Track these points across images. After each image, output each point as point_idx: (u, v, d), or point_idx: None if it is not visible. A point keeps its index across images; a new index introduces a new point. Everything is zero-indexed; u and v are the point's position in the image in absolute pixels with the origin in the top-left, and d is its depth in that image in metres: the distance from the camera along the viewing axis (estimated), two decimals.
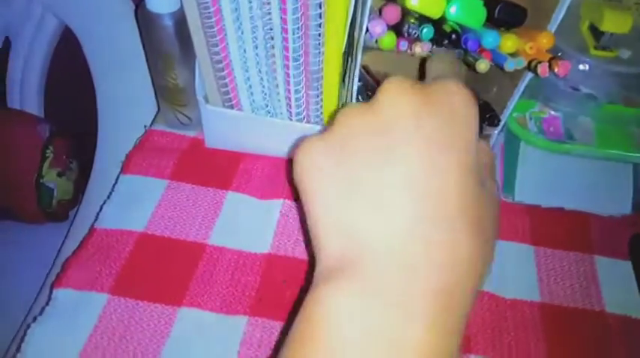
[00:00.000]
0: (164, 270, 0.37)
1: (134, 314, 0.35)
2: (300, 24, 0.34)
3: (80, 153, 0.69)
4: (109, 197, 0.41)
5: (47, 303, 0.35)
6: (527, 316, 0.38)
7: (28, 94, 0.67)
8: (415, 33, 0.28)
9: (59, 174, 0.68)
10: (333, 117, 0.22)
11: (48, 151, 0.66)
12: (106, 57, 0.57)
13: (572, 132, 0.38)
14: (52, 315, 0.34)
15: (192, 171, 0.42)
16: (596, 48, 0.35)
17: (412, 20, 0.32)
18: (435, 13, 0.29)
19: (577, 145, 0.38)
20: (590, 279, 0.40)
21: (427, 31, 0.32)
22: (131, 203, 0.40)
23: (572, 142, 0.38)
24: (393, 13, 0.31)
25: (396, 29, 0.32)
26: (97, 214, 0.40)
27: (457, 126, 0.20)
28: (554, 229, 0.42)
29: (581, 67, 0.34)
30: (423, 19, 0.31)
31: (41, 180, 0.65)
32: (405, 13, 0.31)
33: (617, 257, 0.42)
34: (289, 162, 0.21)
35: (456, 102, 0.21)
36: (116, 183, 0.41)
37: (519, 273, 0.40)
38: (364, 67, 0.46)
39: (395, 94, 0.21)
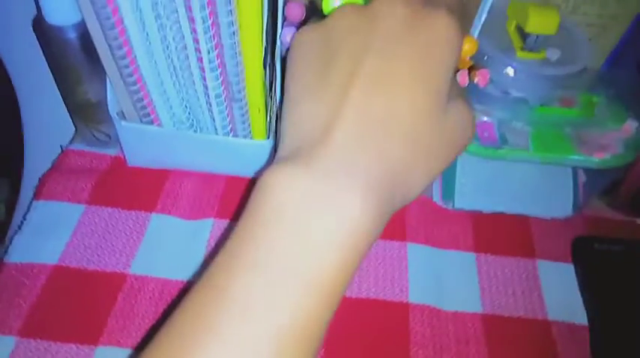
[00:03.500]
0: (80, 306, 0.34)
1: (46, 357, 0.32)
2: (212, 32, 0.31)
3: (10, 171, 0.65)
4: (19, 227, 0.37)
5: None
6: (470, 329, 0.36)
7: None
8: None
9: None
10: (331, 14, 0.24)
11: None
12: (25, 71, 0.52)
13: (506, 136, 0.37)
14: None
15: (113, 194, 0.39)
16: (522, 50, 0.33)
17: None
18: None
19: (512, 150, 0.36)
20: (532, 285, 0.39)
21: None
22: (44, 232, 0.37)
23: (507, 147, 0.36)
24: (295, 11, 0.28)
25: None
26: (7, 247, 0.36)
27: (436, 53, 0.22)
28: (496, 235, 0.41)
29: (507, 70, 0.33)
30: None
31: None
32: (311, 14, 0.29)
33: (560, 260, 0.41)
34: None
35: (441, 32, 0.22)
36: (28, 210, 0.38)
37: (460, 283, 0.38)
38: None
39: (390, 6, 0.22)
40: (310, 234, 0.19)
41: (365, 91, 0.21)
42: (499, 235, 0.41)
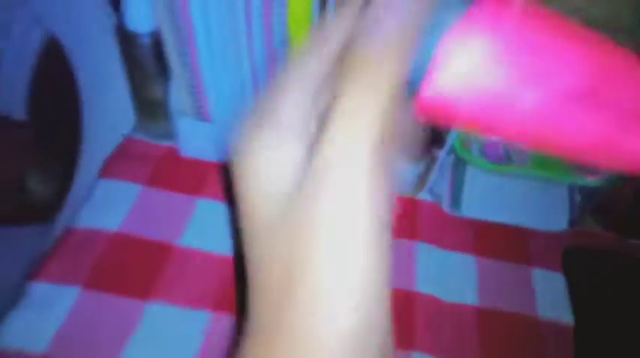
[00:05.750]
0: (135, 267, 0.40)
1: (104, 306, 0.38)
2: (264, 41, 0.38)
3: (64, 158, 0.72)
4: (86, 200, 0.44)
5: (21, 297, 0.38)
6: (465, 318, 0.41)
7: (11, 98, 0.69)
8: None
9: (41, 178, 0.70)
10: None
11: (31, 155, 0.69)
12: (91, 67, 0.59)
13: (510, 154, 0.42)
14: (27, 307, 0.37)
15: (167, 178, 0.46)
16: None
17: None
18: None
19: (514, 167, 0.42)
20: (525, 289, 0.44)
21: None
22: (106, 205, 0.43)
23: (511, 164, 0.42)
24: None
25: None
26: (75, 216, 0.43)
27: None
28: (496, 242, 0.47)
29: None
30: None
31: (23, 184, 0.68)
32: None
33: (552, 269, 0.46)
34: None
35: None
36: (94, 187, 0.44)
37: (461, 280, 0.44)
38: None
39: None
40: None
41: None
42: (498, 243, 0.47)
